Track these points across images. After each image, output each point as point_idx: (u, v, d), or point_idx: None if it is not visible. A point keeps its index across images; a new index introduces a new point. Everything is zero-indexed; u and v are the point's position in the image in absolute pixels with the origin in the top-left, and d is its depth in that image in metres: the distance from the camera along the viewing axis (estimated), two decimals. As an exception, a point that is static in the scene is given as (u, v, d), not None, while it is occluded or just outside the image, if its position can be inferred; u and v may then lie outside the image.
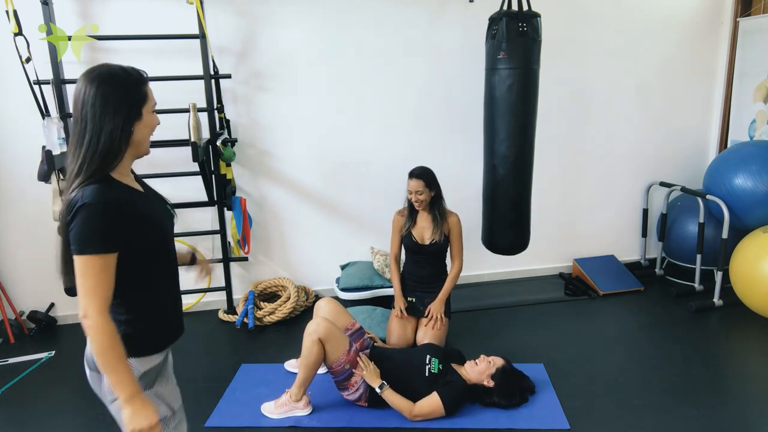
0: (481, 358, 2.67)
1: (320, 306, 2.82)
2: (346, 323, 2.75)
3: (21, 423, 2.61)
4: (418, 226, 3.09)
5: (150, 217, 1.46)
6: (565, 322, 3.53)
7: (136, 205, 1.42)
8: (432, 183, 3.01)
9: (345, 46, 3.63)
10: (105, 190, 1.34)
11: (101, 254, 1.31)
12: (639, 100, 4.13)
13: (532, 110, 3.04)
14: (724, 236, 3.54)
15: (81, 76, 1.38)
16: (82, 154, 1.35)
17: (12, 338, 3.43)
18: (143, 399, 1.36)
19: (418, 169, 3.00)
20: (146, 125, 1.44)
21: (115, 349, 1.33)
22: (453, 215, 3.10)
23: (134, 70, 1.42)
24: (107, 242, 1.32)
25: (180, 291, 1.64)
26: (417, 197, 2.99)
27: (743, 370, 3.00)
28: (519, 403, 2.59)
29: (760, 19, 3.92)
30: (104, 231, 1.32)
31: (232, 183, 3.53)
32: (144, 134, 1.44)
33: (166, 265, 1.55)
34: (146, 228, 1.43)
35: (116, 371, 1.33)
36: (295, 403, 2.57)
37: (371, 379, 2.51)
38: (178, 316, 1.63)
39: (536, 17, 2.93)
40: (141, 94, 1.41)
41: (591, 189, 4.23)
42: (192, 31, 3.27)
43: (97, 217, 1.31)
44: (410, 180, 2.99)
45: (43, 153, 2.84)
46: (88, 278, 1.31)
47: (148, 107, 1.43)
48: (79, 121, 1.36)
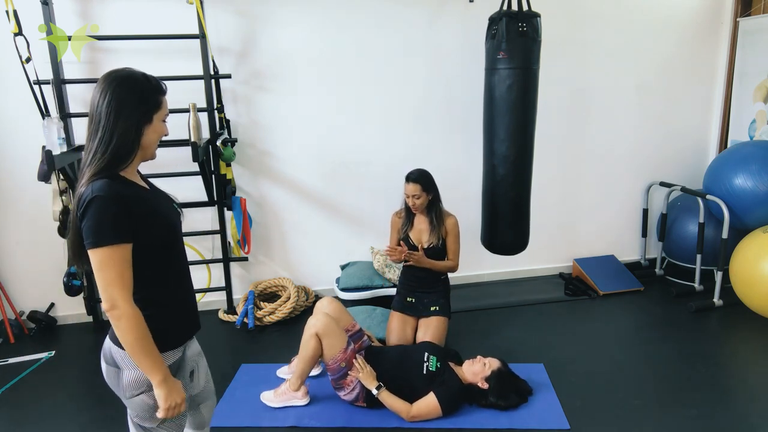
0: (477, 358, 2.66)
1: (322, 304, 2.83)
2: (346, 324, 2.76)
3: (21, 423, 2.61)
4: (415, 228, 3.07)
5: (158, 212, 1.49)
6: (565, 322, 3.53)
7: (144, 200, 1.46)
8: (429, 186, 2.97)
9: (345, 46, 3.63)
10: (114, 185, 1.39)
11: (117, 245, 1.35)
12: (639, 100, 4.13)
13: (532, 110, 3.04)
14: (724, 236, 3.54)
15: (102, 77, 1.44)
16: (94, 150, 1.41)
17: (12, 338, 3.43)
18: (173, 379, 1.47)
19: (414, 173, 2.96)
20: (155, 131, 1.48)
21: (147, 336, 1.40)
22: (451, 217, 3.06)
23: (154, 79, 1.49)
24: (120, 233, 1.36)
25: (192, 287, 1.68)
26: (414, 201, 2.95)
27: (743, 370, 3.00)
28: (516, 404, 2.58)
29: (760, 19, 3.92)
30: (116, 222, 1.35)
31: (232, 183, 3.53)
32: (151, 139, 1.49)
33: (176, 261, 1.57)
34: (154, 223, 1.46)
35: (150, 356, 1.40)
36: (294, 393, 2.62)
37: (367, 381, 2.51)
38: (192, 312, 1.66)
39: (536, 17, 2.93)
40: (155, 101, 1.47)
41: (591, 189, 4.23)
42: (192, 31, 3.27)
43: (108, 209, 1.35)
44: (407, 184, 2.95)
45: (43, 153, 2.84)
46: (109, 270, 1.35)
47: (159, 115, 1.49)
48: (93, 119, 1.42)
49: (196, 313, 1.69)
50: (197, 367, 1.70)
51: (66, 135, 3.10)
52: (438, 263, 3.04)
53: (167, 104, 1.53)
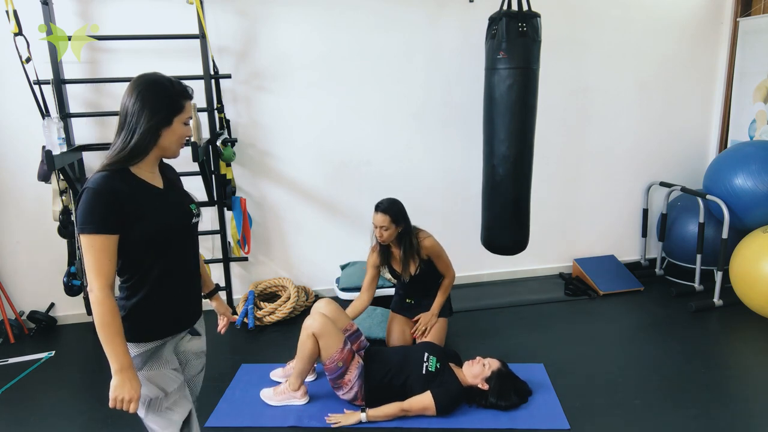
0: (477, 359, 2.66)
1: (319, 305, 2.82)
2: (344, 324, 2.75)
3: (21, 423, 2.61)
4: (395, 259, 2.97)
5: (149, 211, 1.53)
6: (565, 322, 3.53)
7: (137, 198, 1.51)
8: (399, 218, 2.80)
9: (345, 46, 3.63)
10: (109, 179, 1.47)
11: (97, 234, 1.43)
12: (639, 100, 4.13)
13: (532, 110, 3.04)
14: (724, 236, 3.54)
15: (132, 79, 1.55)
16: (115, 146, 1.52)
17: (12, 338, 3.43)
18: (132, 374, 1.48)
19: (384, 203, 2.81)
20: (174, 133, 1.56)
21: (114, 324, 1.45)
22: (426, 239, 2.90)
23: (180, 84, 1.57)
24: (102, 224, 1.44)
25: (192, 287, 1.72)
26: (381, 232, 2.79)
27: (743, 370, 3.00)
28: (516, 404, 2.58)
29: (760, 19, 3.92)
30: (101, 214, 1.44)
31: (232, 183, 3.53)
32: (170, 140, 1.56)
33: (166, 260, 1.59)
34: (142, 220, 1.50)
35: (112, 344, 1.45)
36: (293, 392, 2.64)
37: (351, 420, 2.49)
38: (180, 310, 1.69)
39: (536, 17, 2.93)
40: (178, 105, 1.55)
41: (591, 189, 4.23)
42: (192, 31, 3.27)
43: (95, 201, 1.44)
44: (375, 213, 2.79)
45: (43, 153, 2.84)
46: (89, 256, 1.44)
47: (180, 118, 1.56)
48: (120, 119, 1.53)
49: (189, 313, 1.73)
50: (187, 364, 1.77)
51: (66, 135, 3.10)
52: (443, 294, 3.03)
53: (192, 108, 1.59)
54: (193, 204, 1.71)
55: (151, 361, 1.61)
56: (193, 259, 1.71)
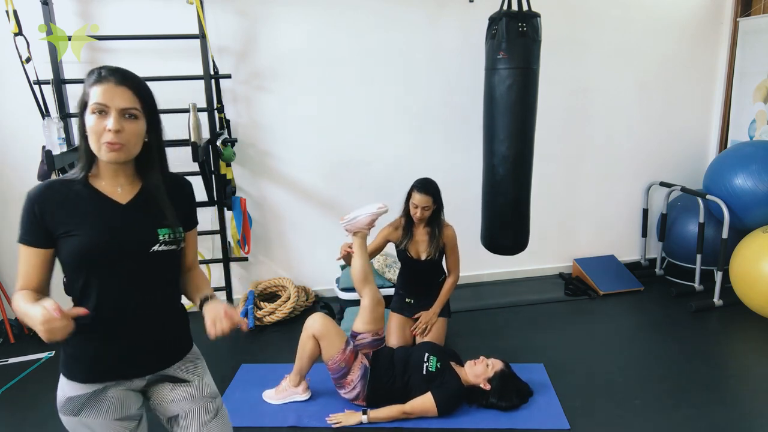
0: (480, 359, 2.66)
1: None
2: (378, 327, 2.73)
3: (21, 423, 2.61)
4: (414, 240, 2.98)
5: (78, 228, 1.31)
6: (565, 322, 3.53)
7: (70, 211, 1.32)
8: (438, 197, 2.88)
9: (345, 46, 3.63)
10: (44, 189, 1.34)
11: (22, 244, 1.36)
12: (639, 100, 4.13)
13: (532, 110, 3.04)
14: (724, 236, 3.54)
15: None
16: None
17: (12, 338, 3.43)
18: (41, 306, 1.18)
19: (425, 183, 2.84)
20: (90, 129, 1.27)
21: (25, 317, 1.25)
22: (449, 228, 2.97)
23: (95, 69, 1.29)
24: (25, 235, 1.35)
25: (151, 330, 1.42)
26: (423, 213, 2.84)
27: (743, 370, 3.00)
28: (516, 405, 2.58)
29: (760, 19, 3.92)
30: (25, 224, 1.35)
31: (232, 183, 3.53)
32: (90, 139, 1.28)
33: (111, 291, 1.35)
34: (67, 237, 1.32)
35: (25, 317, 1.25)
36: (294, 389, 2.65)
37: (352, 420, 2.49)
38: (128, 354, 1.40)
39: (536, 17, 2.93)
40: (85, 93, 1.29)
41: (591, 189, 4.23)
42: (192, 31, 3.27)
43: (23, 209, 1.35)
44: (417, 194, 2.82)
45: (43, 153, 2.84)
46: (19, 263, 1.37)
47: (91, 108, 1.26)
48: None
49: (147, 358, 1.42)
50: (185, 416, 1.47)
51: (66, 135, 3.09)
52: (445, 294, 3.03)
53: (100, 92, 1.25)
54: (167, 229, 1.37)
55: (88, 408, 1.41)
56: (157, 292, 1.40)
